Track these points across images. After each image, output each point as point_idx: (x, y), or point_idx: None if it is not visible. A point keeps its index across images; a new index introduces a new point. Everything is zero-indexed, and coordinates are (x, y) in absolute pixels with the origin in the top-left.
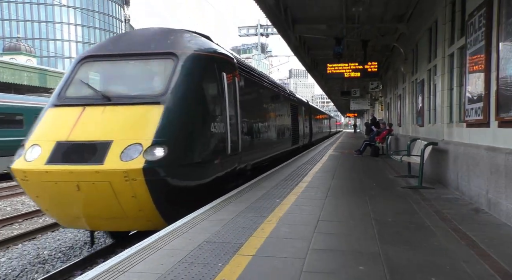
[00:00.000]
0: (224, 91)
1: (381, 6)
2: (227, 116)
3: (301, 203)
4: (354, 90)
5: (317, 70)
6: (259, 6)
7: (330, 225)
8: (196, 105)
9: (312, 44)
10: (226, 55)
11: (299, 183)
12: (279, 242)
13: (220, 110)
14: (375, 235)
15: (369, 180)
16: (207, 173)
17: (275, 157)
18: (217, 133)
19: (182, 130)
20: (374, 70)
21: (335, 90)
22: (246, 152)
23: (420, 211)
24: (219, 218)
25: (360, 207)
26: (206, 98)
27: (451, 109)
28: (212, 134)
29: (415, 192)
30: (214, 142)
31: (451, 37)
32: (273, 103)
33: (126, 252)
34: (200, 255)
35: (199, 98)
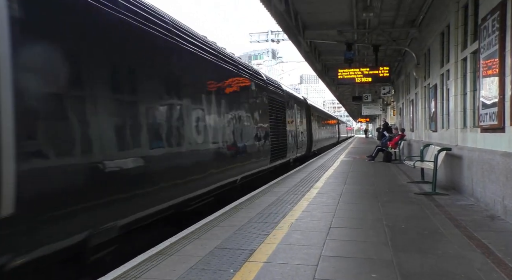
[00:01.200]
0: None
1: (393, 11)
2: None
3: (313, 209)
4: (365, 95)
5: (328, 76)
6: (269, 12)
7: (342, 232)
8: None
9: (322, 50)
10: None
11: (310, 189)
12: (291, 249)
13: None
14: (387, 241)
15: (381, 185)
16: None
17: (222, 187)
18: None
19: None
20: (385, 75)
21: (347, 95)
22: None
23: (433, 218)
24: (230, 224)
25: (373, 213)
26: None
27: (465, 114)
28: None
29: (429, 198)
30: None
31: (464, 41)
32: (219, 91)
33: (139, 258)
34: (211, 261)
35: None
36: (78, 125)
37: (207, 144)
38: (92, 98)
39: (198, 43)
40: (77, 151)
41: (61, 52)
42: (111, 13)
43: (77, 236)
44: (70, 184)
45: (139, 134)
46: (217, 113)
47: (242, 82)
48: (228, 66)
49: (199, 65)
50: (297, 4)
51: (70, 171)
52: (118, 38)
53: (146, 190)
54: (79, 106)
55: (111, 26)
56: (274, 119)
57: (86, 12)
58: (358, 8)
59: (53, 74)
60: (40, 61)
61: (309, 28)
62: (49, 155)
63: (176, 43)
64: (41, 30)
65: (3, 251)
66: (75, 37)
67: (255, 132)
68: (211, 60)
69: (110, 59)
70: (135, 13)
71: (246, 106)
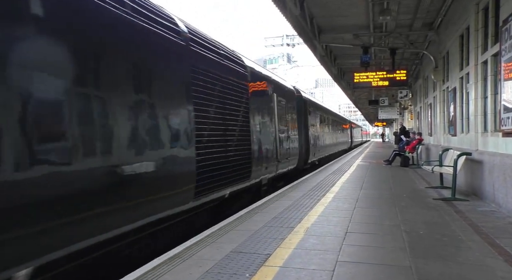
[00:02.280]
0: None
1: (410, 14)
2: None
3: (329, 214)
4: (382, 99)
5: (344, 80)
6: (285, 17)
7: (359, 237)
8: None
9: (338, 53)
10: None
11: (326, 193)
12: (306, 254)
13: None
14: (405, 248)
15: (399, 190)
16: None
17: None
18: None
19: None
20: (403, 79)
21: (363, 99)
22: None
23: (453, 224)
24: (246, 228)
25: (390, 218)
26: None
27: (485, 118)
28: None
29: (448, 204)
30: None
31: (484, 43)
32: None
33: (155, 261)
34: (227, 265)
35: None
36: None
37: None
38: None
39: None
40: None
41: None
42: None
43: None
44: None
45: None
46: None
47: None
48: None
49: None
50: (312, 8)
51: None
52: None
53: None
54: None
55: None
56: (239, 118)
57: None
58: (375, 12)
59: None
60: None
61: (324, 32)
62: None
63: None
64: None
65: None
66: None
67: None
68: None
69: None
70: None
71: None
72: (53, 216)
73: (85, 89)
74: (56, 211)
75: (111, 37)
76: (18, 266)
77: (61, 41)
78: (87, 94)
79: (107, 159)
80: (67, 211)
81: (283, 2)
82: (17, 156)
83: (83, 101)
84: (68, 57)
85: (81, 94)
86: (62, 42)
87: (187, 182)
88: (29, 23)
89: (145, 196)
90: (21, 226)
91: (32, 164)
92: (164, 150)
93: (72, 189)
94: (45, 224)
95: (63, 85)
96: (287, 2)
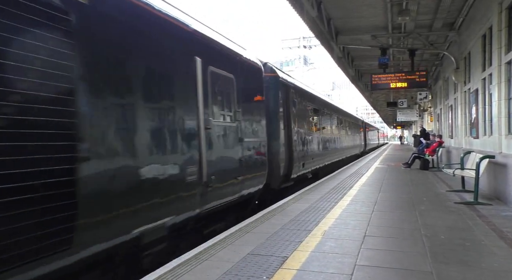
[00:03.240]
0: None
1: (430, 14)
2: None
3: (347, 217)
4: (401, 101)
5: (362, 81)
6: (302, 18)
7: (377, 241)
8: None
9: (356, 55)
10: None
11: (344, 196)
12: (324, 257)
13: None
14: (426, 252)
15: (418, 194)
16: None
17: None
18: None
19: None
20: (422, 80)
21: (381, 101)
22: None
23: (476, 229)
24: (263, 231)
25: (410, 222)
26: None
27: (509, 120)
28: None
29: (470, 208)
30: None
31: (508, 44)
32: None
33: (174, 262)
34: (244, 268)
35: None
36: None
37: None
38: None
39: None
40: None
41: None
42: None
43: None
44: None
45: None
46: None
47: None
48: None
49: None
50: (329, 10)
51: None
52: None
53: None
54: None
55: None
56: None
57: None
58: (393, 12)
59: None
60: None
61: (342, 33)
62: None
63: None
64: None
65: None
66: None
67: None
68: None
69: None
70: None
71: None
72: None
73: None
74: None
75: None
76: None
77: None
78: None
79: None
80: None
81: (300, 4)
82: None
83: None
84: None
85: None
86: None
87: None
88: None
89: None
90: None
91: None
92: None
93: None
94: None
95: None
96: (304, 4)
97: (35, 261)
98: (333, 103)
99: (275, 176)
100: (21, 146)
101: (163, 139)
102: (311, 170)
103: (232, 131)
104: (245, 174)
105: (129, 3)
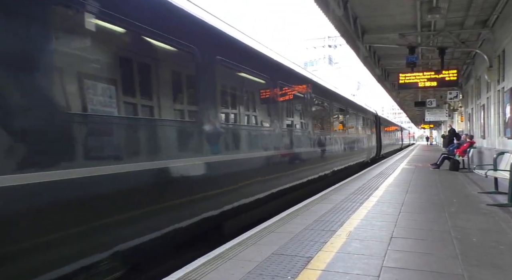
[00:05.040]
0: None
1: (462, 11)
2: None
3: (372, 218)
4: (429, 100)
5: (388, 81)
6: (327, 18)
7: (405, 242)
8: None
9: (382, 54)
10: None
11: (369, 197)
12: (349, 258)
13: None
14: (457, 255)
15: (448, 195)
16: None
17: None
18: None
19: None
20: (453, 79)
21: (408, 101)
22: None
23: (511, 231)
24: (286, 231)
25: (439, 224)
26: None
27: None
28: None
29: (504, 210)
30: None
31: None
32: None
33: (199, 260)
34: (268, 267)
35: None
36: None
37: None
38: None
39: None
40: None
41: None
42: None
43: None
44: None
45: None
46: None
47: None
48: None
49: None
50: (356, 8)
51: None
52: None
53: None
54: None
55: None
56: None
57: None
58: (423, 10)
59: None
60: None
61: (368, 32)
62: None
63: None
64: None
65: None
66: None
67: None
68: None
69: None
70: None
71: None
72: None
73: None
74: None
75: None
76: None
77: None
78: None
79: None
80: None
81: (326, 2)
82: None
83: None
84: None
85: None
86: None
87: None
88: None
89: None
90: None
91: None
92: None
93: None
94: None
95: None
96: (330, 3)
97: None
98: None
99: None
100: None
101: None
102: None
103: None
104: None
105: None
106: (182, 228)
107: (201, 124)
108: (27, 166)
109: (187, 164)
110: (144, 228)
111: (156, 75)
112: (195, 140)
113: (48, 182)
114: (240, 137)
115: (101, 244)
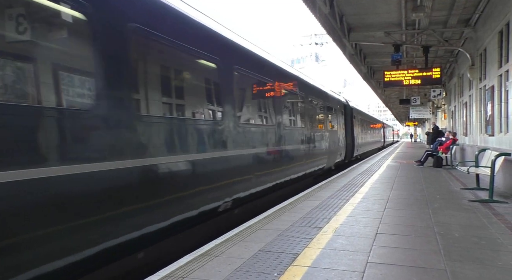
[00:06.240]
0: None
1: (445, 10)
2: None
3: (358, 215)
4: (414, 98)
5: (374, 79)
6: (314, 15)
7: (389, 238)
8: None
9: (368, 52)
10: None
11: (355, 194)
12: (335, 254)
13: None
14: (440, 250)
15: (432, 192)
16: None
17: None
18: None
19: None
20: (436, 77)
21: (393, 99)
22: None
23: (491, 227)
24: (273, 228)
25: (423, 220)
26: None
27: None
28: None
29: (485, 206)
30: None
31: None
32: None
33: (185, 258)
34: (255, 264)
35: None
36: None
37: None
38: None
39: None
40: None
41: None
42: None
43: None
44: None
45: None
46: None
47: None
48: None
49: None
50: (342, 6)
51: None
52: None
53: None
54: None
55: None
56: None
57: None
58: (407, 9)
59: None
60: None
61: (354, 30)
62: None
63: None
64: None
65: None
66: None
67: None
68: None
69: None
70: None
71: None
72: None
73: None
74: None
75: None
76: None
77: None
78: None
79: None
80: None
81: (312, 0)
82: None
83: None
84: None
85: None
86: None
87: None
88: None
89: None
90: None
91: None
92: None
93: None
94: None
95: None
96: (316, 0)
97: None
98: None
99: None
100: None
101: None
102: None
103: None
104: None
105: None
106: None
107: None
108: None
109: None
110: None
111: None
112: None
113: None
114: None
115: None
